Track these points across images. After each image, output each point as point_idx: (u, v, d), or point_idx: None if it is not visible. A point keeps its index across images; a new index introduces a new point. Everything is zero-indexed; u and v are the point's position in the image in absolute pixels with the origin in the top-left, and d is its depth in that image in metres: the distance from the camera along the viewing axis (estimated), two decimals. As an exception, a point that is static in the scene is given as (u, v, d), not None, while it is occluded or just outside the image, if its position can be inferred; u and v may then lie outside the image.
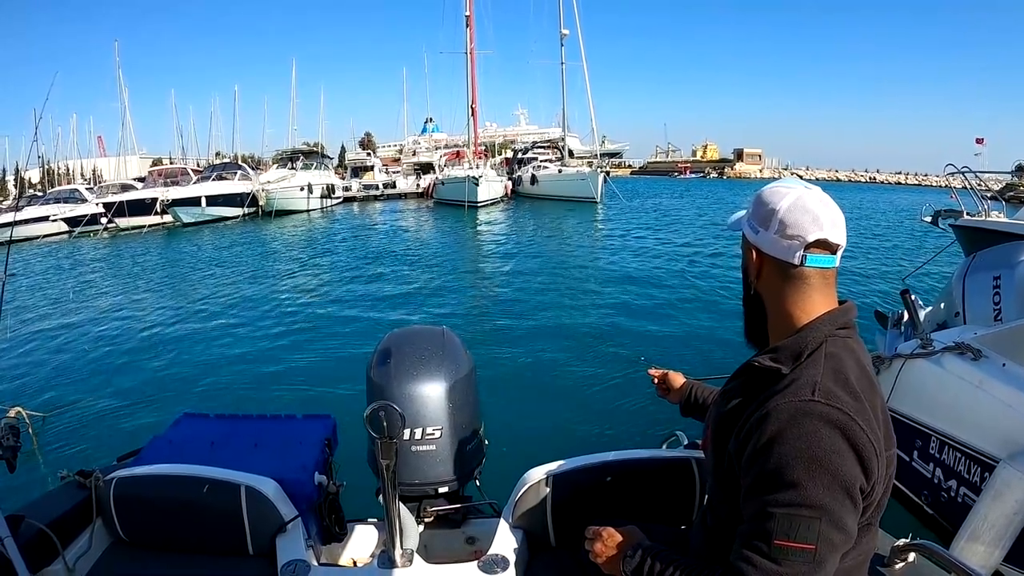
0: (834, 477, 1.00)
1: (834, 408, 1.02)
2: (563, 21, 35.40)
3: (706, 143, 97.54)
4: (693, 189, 51.92)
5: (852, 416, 1.02)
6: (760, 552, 1.02)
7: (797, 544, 0.99)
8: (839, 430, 1.01)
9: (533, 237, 20.50)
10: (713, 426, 1.27)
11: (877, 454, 1.04)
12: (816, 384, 1.05)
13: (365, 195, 39.14)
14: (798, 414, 1.03)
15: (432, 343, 2.14)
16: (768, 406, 1.07)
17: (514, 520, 1.90)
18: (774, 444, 1.03)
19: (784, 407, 1.05)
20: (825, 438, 1.01)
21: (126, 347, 8.39)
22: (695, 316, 9.31)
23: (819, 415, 1.02)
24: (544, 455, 2.08)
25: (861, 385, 1.09)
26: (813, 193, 1.17)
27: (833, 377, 1.07)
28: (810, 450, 1.00)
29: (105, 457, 2.49)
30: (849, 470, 1.00)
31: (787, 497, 1.00)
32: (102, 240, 23.07)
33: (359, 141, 75.63)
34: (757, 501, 1.05)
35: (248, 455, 2.13)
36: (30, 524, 1.76)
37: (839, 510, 1.00)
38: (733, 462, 1.13)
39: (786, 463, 1.01)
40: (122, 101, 45.20)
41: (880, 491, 1.09)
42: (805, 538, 0.99)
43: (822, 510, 0.99)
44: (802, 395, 1.05)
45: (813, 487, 0.99)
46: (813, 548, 0.99)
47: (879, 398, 1.13)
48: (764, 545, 1.01)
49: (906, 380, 3.34)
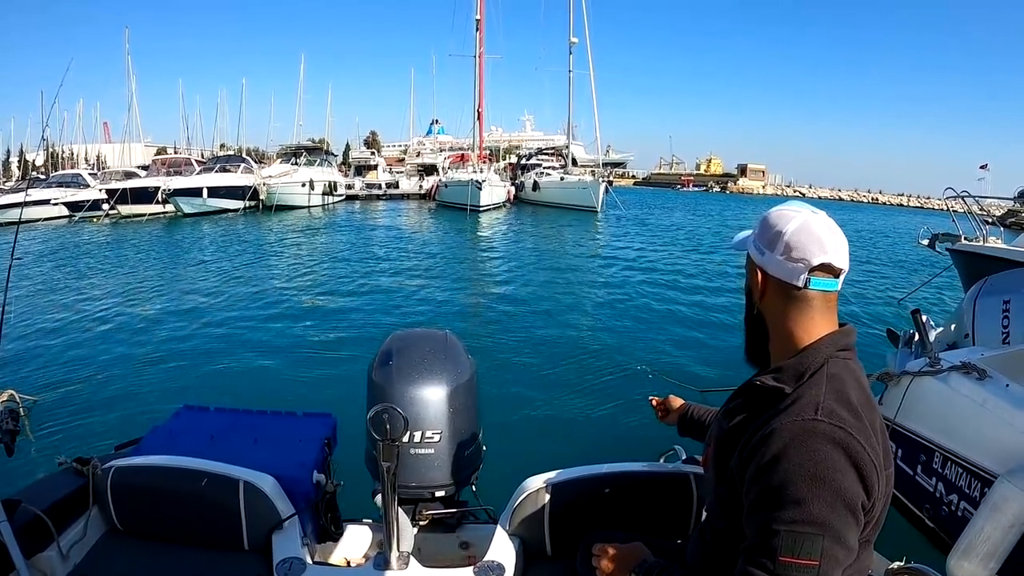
0: (836, 494, 1.01)
1: (836, 427, 1.04)
2: (572, 29, 35.65)
3: (710, 157, 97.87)
4: (695, 204, 51.82)
5: (854, 435, 1.04)
6: (765, 569, 1.03)
7: (801, 561, 1.00)
8: (841, 449, 1.03)
9: (533, 244, 20.54)
10: (715, 443, 1.28)
11: (878, 472, 1.06)
12: (819, 404, 1.07)
13: (367, 194, 39.23)
14: (802, 433, 1.04)
15: (435, 346, 2.14)
16: (772, 425, 1.09)
17: (511, 527, 1.91)
18: (778, 462, 1.05)
19: (788, 426, 1.06)
20: (828, 457, 1.02)
21: (123, 336, 8.36)
22: (693, 329, 9.32)
23: (822, 434, 1.03)
24: (541, 464, 2.09)
25: (861, 404, 1.11)
26: (819, 218, 1.19)
27: (835, 397, 1.09)
28: (813, 468, 1.02)
29: (98, 446, 2.49)
30: (851, 487, 1.02)
31: (791, 514, 1.02)
32: (103, 226, 23.00)
33: (364, 140, 75.68)
34: (761, 518, 1.06)
35: (247, 450, 2.13)
36: (26, 509, 1.77)
37: (842, 527, 1.01)
38: (735, 479, 1.14)
39: (790, 481, 1.03)
40: (130, 88, 45.12)
41: (879, 509, 1.11)
42: (809, 554, 1.00)
43: (825, 527, 1.00)
44: (805, 415, 1.06)
45: (816, 504, 1.00)
46: (817, 564, 1.00)
47: (878, 418, 1.14)
48: (769, 562, 1.02)
49: (913, 396, 3.41)
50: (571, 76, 36.51)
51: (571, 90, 37.14)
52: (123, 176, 28.33)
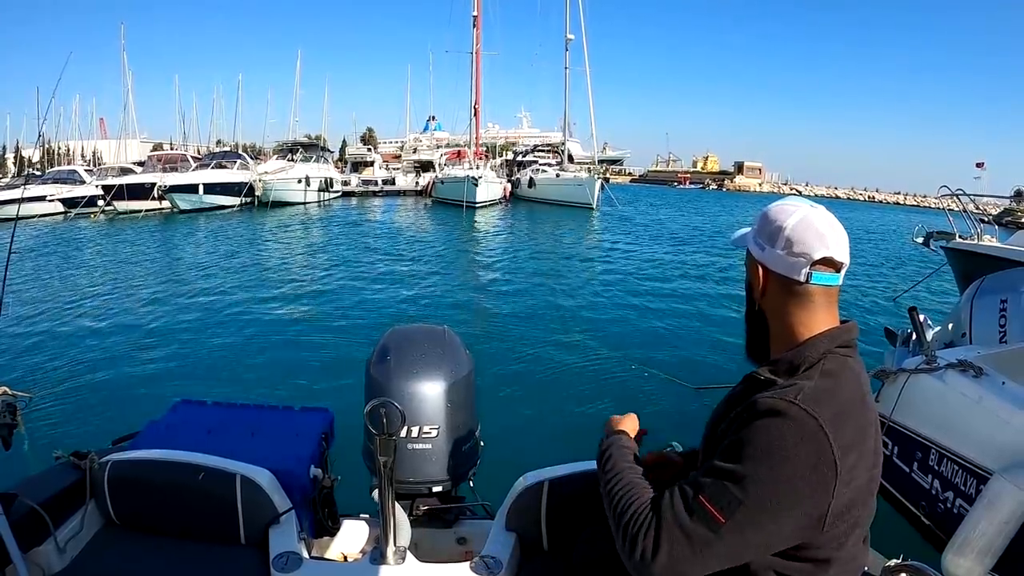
0: (777, 479, 1.01)
1: (811, 416, 1.03)
2: (569, 26, 35.51)
3: (707, 154, 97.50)
4: (692, 202, 51.83)
5: (825, 430, 1.02)
6: (684, 497, 1.06)
7: (712, 509, 1.03)
8: (806, 440, 1.02)
9: (529, 241, 20.52)
10: (707, 429, 1.29)
11: (837, 476, 1.02)
12: (802, 390, 1.07)
13: (364, 190, 39.13)
14: (775, 410, 1.05)
15: (433, 341, 2.14)
16: (753, 398, 1.10)
17: (508, 523, 1.91)
18: (745, 427, 1.07)
19: (764, 401, 1.08)
20: (789, 442, 1.02)
21: (120, 330, 8.33)
22: (690, 326, 9.34)
23: (793, 417, 1.03)
24: (539, 460, 2.09)
25: (851, 403, 1.10)
26: (819, 212, 1.19)
27: (822, 388, 1.08)
28: (771, 444, 1.02)
29: (95, 440, 2.48)
30: (797, 482, 1.01)
31: (730, 468, 1.04)
32: (99, 222, 22.93)
33: (361, 136, 75.54)
34: (709, 463, 1.09)
35: (244, 444, 2.13)
36: (22, 503, 1.76)
37: (766, 510, 1.01)
38: (712, 448, 1.16)
39: (746, 444, 1.04)
40: (125, 84, 44.76)
41: (856, 513, 1.09)
42: (721, 508, 1.02)
43: (750, 497, 1.01)
44: (785, 396, 1.07)
45: (755, 474, 1.02)
46: (722, 522, 1.02)
47: (871, 418, 1.13)
48: (692, 492, 1.06)
49: (909, 394, 3.42)
50: (567, 73, 36.42)
51: (567, 87, 37.05)
52: (119, 172, 28.17)
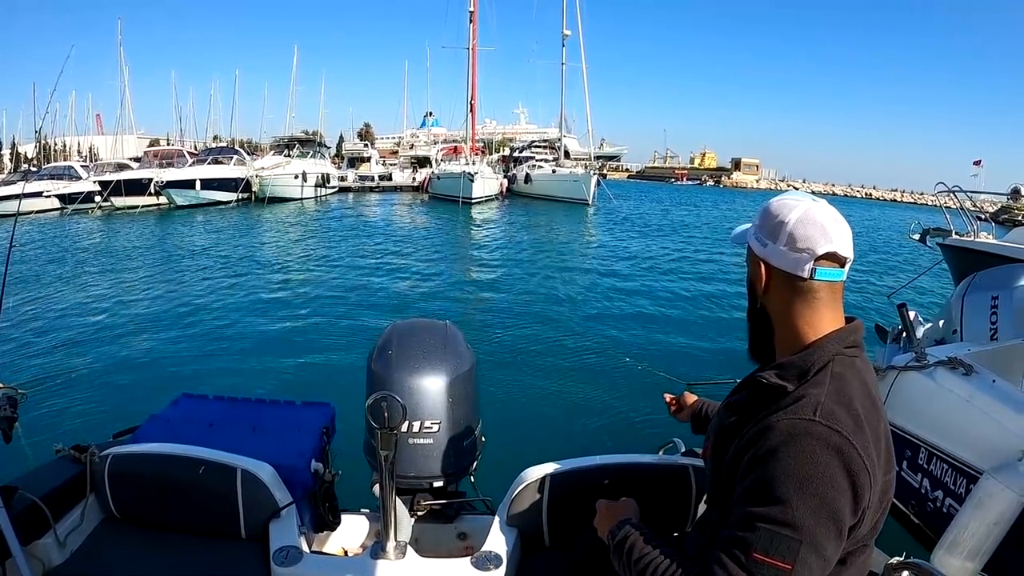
0: (822, 502, 0.99)
1: (833, 431, 1.01)
2: (565, 22, 35.52)
3: (704, 150, 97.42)
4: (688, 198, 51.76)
5: (851, 440, 1.01)
6: (737, 561, 1.01)
7: (774, 561, 0.99)
8: (835, 454, 1.00)
9: (525, 236, 20.56)
10: (714, 437, 1.27)
11: (872, 481, 1.03)
12: (819, 404, 1.04)
13: (360, 186, 39.08)
14: (797, 433, 1.02)
15: (435, 336, 2.14)
16: (768, 421, 1.07)
17: (509, 518, 1.91)
18: (769, 459, 1.03)
19: (784, 424, 1.04)
20: (820, 461, 1.00)
21: (120, 325, 8.33)
22: (686, 322, 9.36)
23: (817, 436, 1.01)
24: (540, 455, 2.09)
25: (864, 407, 1.08)
26: (821, 206, 1.16)
27: (836, 398, 1.06)
28: (803, 470, 1.00)
29: (96, 433, 2.47)
30: (839, 496, 1.00)
31: (773, 513, 1.00)
32: (95, 218, 22.89)
33: (358, 132, 75.30)
34: (743, 511, 1.04)
35: (245, 438, 2.13)
36: (23, 496, 1.76)
37: (822, 535, 0.99)
38: (730, 472, 1.13)
39: (778, 479, 1.01)
40: (122, 80, 44.52)
41: (873, 515, 1.08)
42: (783, 556, 0.98)
43: (805, 532, 0.98)
44: (803, 414, 1.04)
45: (800, 508, 0.99)
46: (790, 568, 0.98)
47: (882, 421, 1.12)
48: (742, 555, 1.01)
49: (899, 392, 3.37)
50: (564, 69, 36.49)
51: (564, 83, 37.12)
52: (116, 168, 28.03)
